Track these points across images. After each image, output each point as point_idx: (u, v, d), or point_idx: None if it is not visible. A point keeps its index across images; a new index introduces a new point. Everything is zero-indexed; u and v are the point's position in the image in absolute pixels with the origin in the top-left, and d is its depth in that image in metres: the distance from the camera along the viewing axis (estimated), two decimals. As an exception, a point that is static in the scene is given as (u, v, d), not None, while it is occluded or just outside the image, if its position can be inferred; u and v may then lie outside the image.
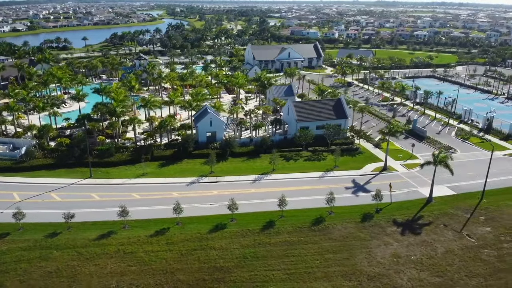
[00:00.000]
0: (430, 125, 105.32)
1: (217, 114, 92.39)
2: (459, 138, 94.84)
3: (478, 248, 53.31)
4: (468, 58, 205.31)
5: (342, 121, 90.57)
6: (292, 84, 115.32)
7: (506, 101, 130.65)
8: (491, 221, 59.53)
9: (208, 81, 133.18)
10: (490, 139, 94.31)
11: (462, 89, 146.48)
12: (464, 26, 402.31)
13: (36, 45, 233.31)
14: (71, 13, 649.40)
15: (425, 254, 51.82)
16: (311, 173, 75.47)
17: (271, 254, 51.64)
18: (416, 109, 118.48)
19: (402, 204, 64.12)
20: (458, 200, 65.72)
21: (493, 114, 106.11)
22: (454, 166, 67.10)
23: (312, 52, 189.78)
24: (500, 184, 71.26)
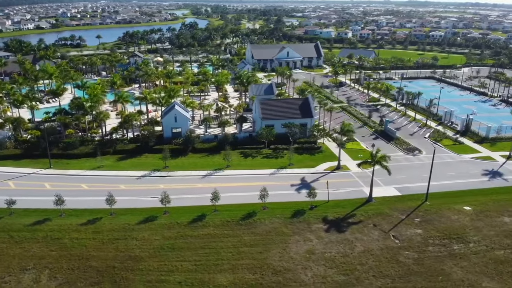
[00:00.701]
0: (407, 126, 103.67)
1: (186, 110, 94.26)
2: (431, 140, 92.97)
3: (399, 249, 52.70)
4: (477, 60, 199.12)
5: (308, 120, 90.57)
6: (273, 83, 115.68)
7: (499, 103, 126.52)
8: (426, 224, 58.57)
9: (199, 78, 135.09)
10: (464, 141, 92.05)
11: (457, 91, 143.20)
12: (489, 28, 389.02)
13: (51, 42, 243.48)
14: (99, 11, 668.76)
15: (341, 252, 51.73)
16: (264, 170, 76.06)
17: (189, 246, 52.83)
18: (398, 110, 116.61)
19: (340, 203, 63.90)
20: (399, 201, 64.91)
21: (473, 116, 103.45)
22: (414, 167, 66.99)
23: (313, 52, 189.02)
24: (452, 187, 69.88)
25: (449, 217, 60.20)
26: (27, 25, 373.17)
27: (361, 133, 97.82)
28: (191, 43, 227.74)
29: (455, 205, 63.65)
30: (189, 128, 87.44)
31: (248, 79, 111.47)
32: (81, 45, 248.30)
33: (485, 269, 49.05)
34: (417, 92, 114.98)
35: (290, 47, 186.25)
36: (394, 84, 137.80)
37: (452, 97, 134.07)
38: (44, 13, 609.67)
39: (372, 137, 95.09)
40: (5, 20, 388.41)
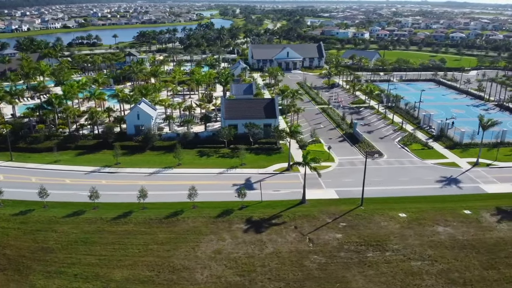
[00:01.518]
0: (382, 129, 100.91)
1: (154, 108, 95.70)
2: (400, 144, 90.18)
3: (309, 253, 51.58)
4: (490, 62, 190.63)
5: (272, 121, 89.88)
6: (253, 83, 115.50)
7: (492, 107, 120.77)
8: (349, 229, 56.99)
9: (187, 77, 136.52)
10: (434, 146, 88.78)
11: (453, 94, 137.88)
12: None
13: (69, 41, 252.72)
14: (130, 12, 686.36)
15: (248, 253, 51.21)
16: (214, 169, 76.18)
17: (101, 241, 53.77)
18: (380, 113, 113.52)
19: (272, 204, 63.18)
20: (334, 204, 63.44)
21: (452, 121, 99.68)
22: (367, 171, 66.24)
23: (315, 52, 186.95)
24: (397, 192, 67.64)
25: (378, 223, 58.29)
26: (54, 24, 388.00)
27: (331, 135, 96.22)
28: (200, 43, 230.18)
29: (390, 211, 61.51)
30: (151, 126, 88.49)
31: (226, 78, 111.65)
32: (96, 44, 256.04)
33: (391, 279, 47.23)
34: (395, 94, 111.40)
35: (291, 48, 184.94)
36: (391, 86, 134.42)
37: (446, 100, 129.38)
38: (78, 13, 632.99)
39: (340, 139, 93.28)
40: (35, 19, 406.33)
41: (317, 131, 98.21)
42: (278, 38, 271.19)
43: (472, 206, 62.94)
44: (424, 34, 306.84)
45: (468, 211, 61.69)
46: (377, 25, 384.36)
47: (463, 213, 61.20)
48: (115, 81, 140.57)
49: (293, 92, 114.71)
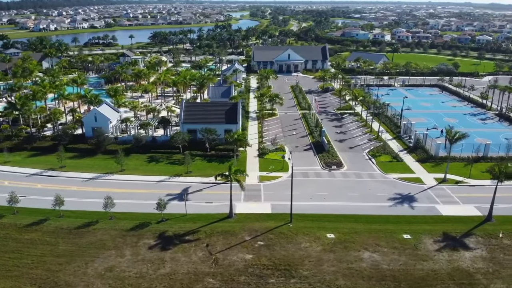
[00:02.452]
0: (357, 138, 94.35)
1: (117, 111, 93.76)
2: (368, 155, 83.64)
3: (205, 276, 47.20)
4: (508, 67, 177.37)
5: (233, 126, 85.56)
6: (231, 86, 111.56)
7: (492, 117, 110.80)
8: (264, 249, 52.07)
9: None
10: (406, 158, 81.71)
11: (455, 101, 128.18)
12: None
13: (85, 41, 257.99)
14: (164, 12, 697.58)
15: (140, 273, 47.50)
16: (157, 176, 72.87)
17: (3, 248, 51.77)
18: (363, 120, 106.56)
19: (196, 217, 59.13)
20: (261, 220, 58.59)
21: (434, 131, 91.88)
22: (316, 183, 67.08)
23: (319, 55, 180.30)
24: (337, 209, 61.85)
25: (299, 244, 52.99)
26: (82, 24, 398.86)
27: (300, 143, 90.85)
28: (210, 44, 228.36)
29: (319, 231, 55.98)
30: (108, 129, 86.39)
31: (202, 81, 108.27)
32: (112, 44, 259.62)
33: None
34: (382, 102, 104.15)
35: (293, 50, 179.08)
36: (384, 92, 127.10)
37: (443, 108, 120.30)
38: (112, 13, 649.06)
39: (306, 148, 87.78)
40: (64, 19, 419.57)
41: (288, 138, 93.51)
42: (294, 39, 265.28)
43: (416, 230, 56.31)
44: (451, 36, 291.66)
45: (408, 235, 55.19)
46: (405, 27, 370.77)
47: (402, 237, 54.76)
48: (107, 82, 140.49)
49: (272, 96, 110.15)
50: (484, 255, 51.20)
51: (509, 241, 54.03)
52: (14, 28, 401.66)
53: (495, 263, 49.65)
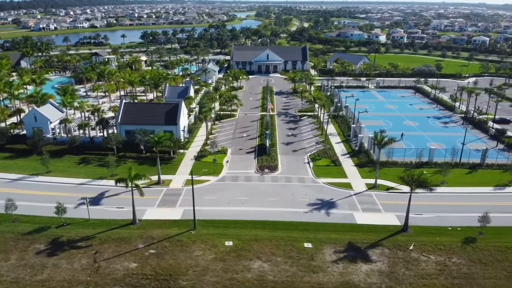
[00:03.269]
0: (305, 141, 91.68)
1: (61, 110, 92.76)
2: (309, 158, 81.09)
3: (78, 285, 45.33)
4: (496, 69, 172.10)
5: (172, 128, 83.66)
6: (189, 86, 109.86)
7: (456, 120, 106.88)
8: (154, 257, 50.04)
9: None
10: (345, 162, 78.98)
11: (424, 104, 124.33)
12: None
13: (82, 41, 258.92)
14: (170, 13, 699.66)
15: (17, 278, 46.00)
16: (80, 179, 71.26)
17: None
18: (320, 122, 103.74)
19: (98, 223, 57.35)
20: (164, 227, 56.56)
21: (383, 134, 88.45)
22: (242, 187, 65.99)
23: (299, 55, 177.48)
24: (250, 215, 59.51)
25: (192, 253, 50.87)
26: (82, 23, 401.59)
27: (246, 146, 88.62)
28: (197, 44, 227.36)
29: (219, 238, 53.78)
30: (48, 129, 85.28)
31: (158, 80, 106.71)
32: (103, 43, 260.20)
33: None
34: (339, 104, 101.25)
35: (273, 50, 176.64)
36: (364, 93, 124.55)
37: (409, 110, 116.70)
38: (119, 13, 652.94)
39: (250, 151, 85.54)
40: (66, 18, 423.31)
41: (236, 140, 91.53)
42: (287, 39, 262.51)
43: (321, 239, 53.71)
44: (448, 37, 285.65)
45: (310, 244, 52.64)
46: (406, 27, 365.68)
47: (302, 246, 52.25)
48: (77, 81, 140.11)
49: (230, 97, 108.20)
50: (383, 269, 48.36)
51: (417, 255, 51.04)
52: (16, 28, 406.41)
53: (392, 278, 46.80)
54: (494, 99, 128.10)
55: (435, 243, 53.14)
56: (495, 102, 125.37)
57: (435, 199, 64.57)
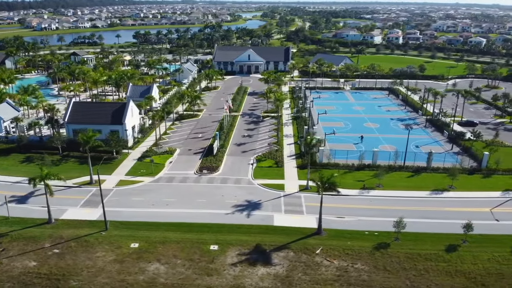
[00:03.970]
0: (258, 142, 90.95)
1: (17, 109, 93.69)
2: (255, 159, 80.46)
3: (-29, 282, 45.63)
4: (481, 70, 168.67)
5: (118, 127, 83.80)
6: (152, 85, 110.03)
7: (420, 122, 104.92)
8: (56, 257, 49.98)
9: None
10: (288, 164, 78.11)
11: (394, 106, 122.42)
12: None
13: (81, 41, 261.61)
14: (177, 13, 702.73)
15: None
16: (15, 177, 71.45)
17: None
18: (280, 123, 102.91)
19: (18, 221, 57.54)
20: (78, 227, 56.53)
21: (361, 135, 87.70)
22: (177, 188, 65.83)
23: (281, 56, 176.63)
24: (171, 216, 59.20)
25: (94, 253, 50.70)
26: (83, 23, 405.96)
27: (197, 146, 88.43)
28: (187, 44, 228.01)
29: (128, 239, 53.52)
30: (1, 128, 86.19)
31: (120, 79, 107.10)
32: (98, 43, 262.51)
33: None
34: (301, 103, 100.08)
35: (255, 50, 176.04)
36: (337, 94, 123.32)
37: (376, 112, 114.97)
38: (127, 13, 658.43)
39: (198, 151, 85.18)
40: (69, 18, 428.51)
41: (190, 141, 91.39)
42: (280, 40, 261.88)
43: (229, 241, 53.09)
44: (446, 37, 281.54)
45: (216, 246, 52.08)
46: (408, 28, 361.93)
47: (208, 248, 51.73)
48: (54, 81, 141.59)
49: (193, 97, 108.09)
50: (280, 272, 47.52)
51: (321, 259, 50.06)
52: (20, 27, 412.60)
53: (285, 283, 45.96)
54: (469, 101, 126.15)
55: (345, 247, 52.07)
56: (470, 104, 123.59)
57: (364, 203, 63.52)
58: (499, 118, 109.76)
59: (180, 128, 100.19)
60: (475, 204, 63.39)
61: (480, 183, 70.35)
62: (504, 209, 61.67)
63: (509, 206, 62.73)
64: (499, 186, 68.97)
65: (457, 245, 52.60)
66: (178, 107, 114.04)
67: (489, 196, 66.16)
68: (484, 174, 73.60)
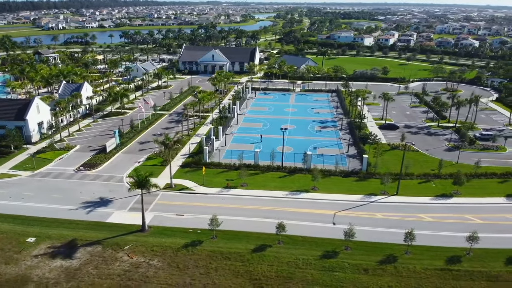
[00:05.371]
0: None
1: None
2: (146, 157, 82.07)
3: None
4: (448, 73, 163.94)
5: (21, 123, 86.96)
6: (82, 84, 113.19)
7: (339, 125, 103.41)
8: None
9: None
10: (179, 163, 79.20)
11: (328, 108, 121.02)
12: None
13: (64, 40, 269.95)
14: (194, 13, 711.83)
15: None
16: None
17: None
18: (201, 123, 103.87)
19: None
20: None
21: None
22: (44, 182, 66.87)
23: (246, 57, 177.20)
24: (22, 210, 61.39)
25: None
26: (91, 24, 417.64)
27: (100, 144, 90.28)
28: (170, 44, 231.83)
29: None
30: None
31: (52, 77, 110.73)
32: (89, 42, 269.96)
33: None
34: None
35: (221, 51, 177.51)
36: (284, 95, 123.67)
37: (307, 114, 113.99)
38: (142, 14, 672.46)
39: (96, 149, 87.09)
40: (79, 18, 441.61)
41: (99, 138, 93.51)
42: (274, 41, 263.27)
43: (50, 235, 55.08)
44: (440, 40, 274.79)
45: (34, 239, 54.17)
46: (412, 29, 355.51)
47: (23, 240, 53.87)
48: (16, 79, 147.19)
49: (118, 95, 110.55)
50: (73, 265, 48.75)
51: (123, 254, 50.99)
52: (31, 27, 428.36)
53: (70, 275, 47.17)
54: (413, 103, 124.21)
55: (156, 244, 52.87)
56: (410, 107, 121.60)
57: (217, 201, 64.10)
58: (430, 122, 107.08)
59: (98, 126, 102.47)
60: (326, 206, 62.78)
61: (347, 186, 69.38)
62: (348, 213, 60.83)
63: (354, 210, 61.86)
64: (364, 190, 68.02)
65: (268, 245, 52.53)
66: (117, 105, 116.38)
67: (347, 199, 65.31)
68: (360, 178, 72.55)
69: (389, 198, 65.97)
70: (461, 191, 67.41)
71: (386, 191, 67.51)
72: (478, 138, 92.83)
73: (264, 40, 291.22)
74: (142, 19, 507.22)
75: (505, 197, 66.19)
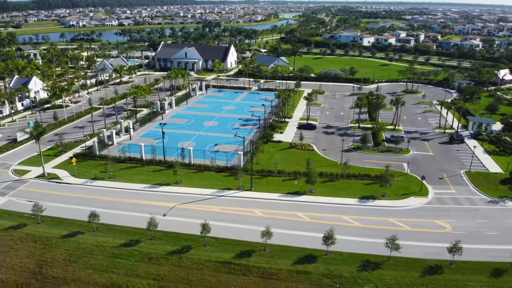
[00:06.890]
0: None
1: None
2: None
3: None
4: (420, 74, 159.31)
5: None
6: (30, 78, 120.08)
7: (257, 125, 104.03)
8: None
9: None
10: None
11: (268, 108, 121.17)
12: None
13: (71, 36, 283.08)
14: (223, 13, 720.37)
15: None
16: None
17: None
18: (123, 117, 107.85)
19: None
20: None
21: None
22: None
23: (220, 55, 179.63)
24: None
25: None
26: (111, 22, 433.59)
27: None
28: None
29: None
30: None
31: (3, 72, 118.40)
32: (95, 40, 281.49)
33: None
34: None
35: (197, 48, 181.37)
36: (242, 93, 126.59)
37: (240, 113, 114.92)
38: (170, 12, 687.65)
39: (8, 139, 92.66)
40: (101, 16, 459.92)
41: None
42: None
43: None
44: (441, 41, 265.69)
45: None
46: (428, 30, 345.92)
47: None
48: None
49: (60, 89, 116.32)
50: None
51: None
52: (56, 24, 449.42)
53: None
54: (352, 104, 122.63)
55: None
56: (352, 107, 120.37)
57: (75, 191, 67.37)
58: (354, 123, 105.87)
59: (32, 117, 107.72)
60: (173, 199, 64.90)
61: (211, 182, 71.03)
62: (190, 206, 62.68)
63: (199, 203, 63.46)
64: (224, 185, 69.65)
65: (140, 240, 54.78)
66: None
67: (203, 193, 67.12)
68: (231, 173, 73.79)
69: (241, 193, 67.10)
70: (317, 190, 67.38)
71: (242, 186, 68.60)
72: (387, 140, 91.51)
73: (264, 39, 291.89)
74: (163, 18, 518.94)
75: (358, 199, 65.60)
